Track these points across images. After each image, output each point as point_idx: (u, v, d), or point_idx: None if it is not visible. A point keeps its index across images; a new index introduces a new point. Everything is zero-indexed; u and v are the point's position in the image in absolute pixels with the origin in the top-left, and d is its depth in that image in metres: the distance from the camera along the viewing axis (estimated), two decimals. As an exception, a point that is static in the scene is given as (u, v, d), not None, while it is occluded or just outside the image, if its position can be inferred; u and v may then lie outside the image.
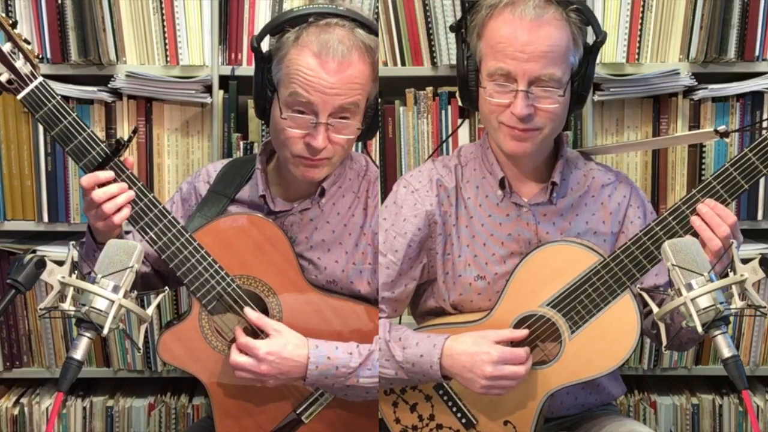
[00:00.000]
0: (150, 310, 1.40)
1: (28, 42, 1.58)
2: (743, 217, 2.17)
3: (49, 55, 2.14)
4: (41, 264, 1.35)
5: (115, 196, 1.57)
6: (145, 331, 1.48)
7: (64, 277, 1.35)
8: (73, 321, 1.48)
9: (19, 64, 1.55)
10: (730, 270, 1.38)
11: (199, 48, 2.16)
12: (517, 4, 1.57)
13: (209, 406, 1.74)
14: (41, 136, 2.17)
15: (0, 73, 1.55)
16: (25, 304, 2.22)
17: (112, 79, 2.13)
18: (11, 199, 2.19)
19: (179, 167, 2.19)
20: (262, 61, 1.64)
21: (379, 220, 1.75)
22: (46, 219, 2.19)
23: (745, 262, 1.38)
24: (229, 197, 1.76)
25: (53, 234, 2.22)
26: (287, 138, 1.63)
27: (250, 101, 2.19)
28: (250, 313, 1.65)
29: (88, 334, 1.31)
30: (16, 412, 2.25)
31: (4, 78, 1.55)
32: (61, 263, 1.37)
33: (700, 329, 1.31)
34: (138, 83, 2.13)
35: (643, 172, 2.18)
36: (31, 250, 2.12)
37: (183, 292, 2.21)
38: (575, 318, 1.63)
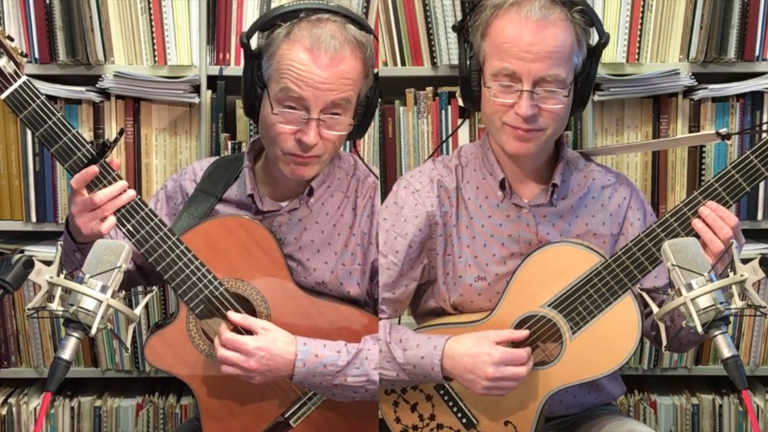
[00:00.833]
0: (138, 310, 1.40)
1: (11, 39, 1.52)
2: (743, 217, 2.17)
3: (37, 55, 2.14)
4: (29, 264, 1.35)
5: (116, 197, 1.56)
6: (133, 331, 1.48)
7: (52, 277, 1.34)
8: (61, 321, 1.47)
9: (2, 62, 1.50)
10: (730, 270, 1.38)
11: (187, 48, 2.16)
12: (523, 5, 1.57)
13: (197, 407, 1.73)
14: (29, 136, 2.16)
15: (-18, 72, 1.49)
16: (13, 304, 2.21)
17: (100, 79, 2.13)
18: (-1, 199, 2.19)
19: (167, 167, 2.19)
20: (252, 58, 1.62)
21: (380, 221, 1.74)
22: (34, 219, 2.19)
23: (745, 262, 1.38)
24: (217, 196, 1.75)
25: (41, 234, 2.22)
26: (278, 134, 1.61)
27: (238, 101, 2.19)
28: (234, 316, 1.63)
29: (76, 334, 1.31)
30: (4, 412, 2.24)
31: (-15, 77, 1.50)
32: (49, 263, 1.36)
33: (700, 329, 1.31)
34: (126, 83, 2.12)
35: (643, 173, 2.19)
36: (19, 250, 2.12)
37: (171, 292, 2.20)
38: (576, 319, 1.63)
